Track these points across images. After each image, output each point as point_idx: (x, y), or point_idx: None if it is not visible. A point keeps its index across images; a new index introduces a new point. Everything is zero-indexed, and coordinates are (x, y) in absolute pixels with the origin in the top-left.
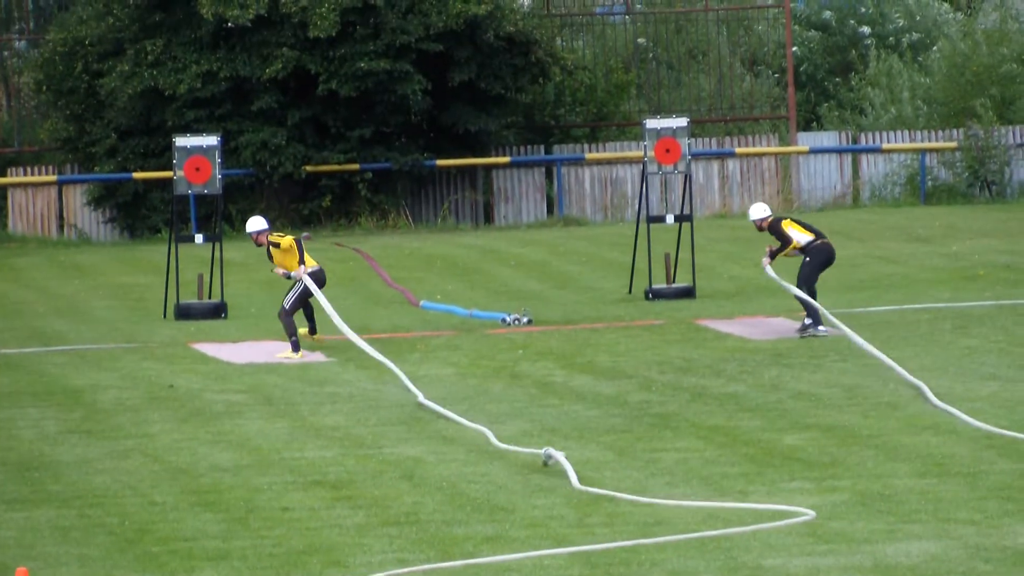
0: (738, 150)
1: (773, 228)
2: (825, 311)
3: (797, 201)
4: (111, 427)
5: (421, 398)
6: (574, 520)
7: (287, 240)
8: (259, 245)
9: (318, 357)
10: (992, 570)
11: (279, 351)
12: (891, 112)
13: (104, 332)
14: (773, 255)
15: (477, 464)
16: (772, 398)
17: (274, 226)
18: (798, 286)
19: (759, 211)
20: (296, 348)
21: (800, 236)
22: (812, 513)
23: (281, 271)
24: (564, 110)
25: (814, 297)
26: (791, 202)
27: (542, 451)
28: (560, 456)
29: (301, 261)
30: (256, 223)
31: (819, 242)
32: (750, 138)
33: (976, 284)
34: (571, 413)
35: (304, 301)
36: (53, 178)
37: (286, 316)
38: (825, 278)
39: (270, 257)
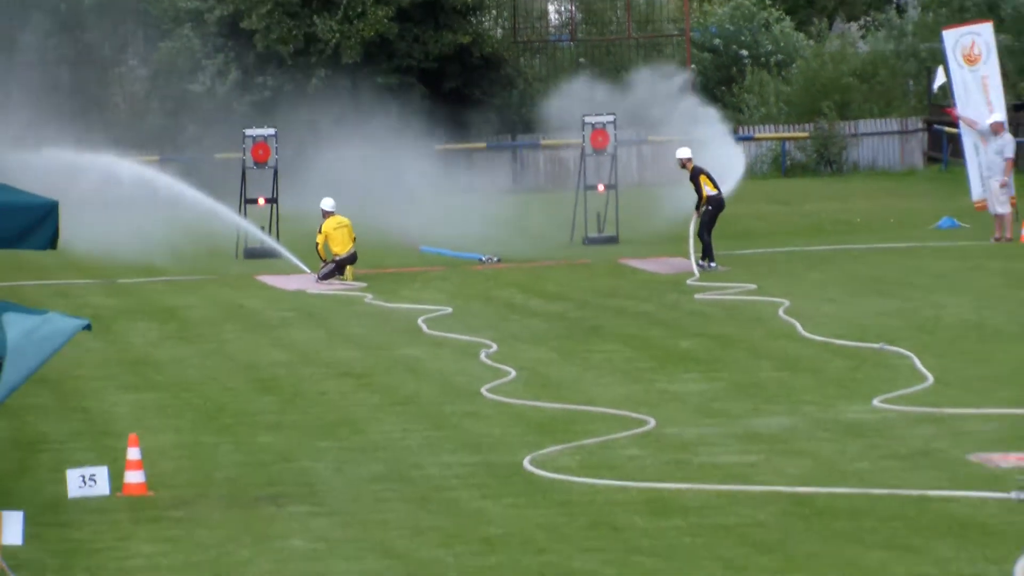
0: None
1: (694, 177)
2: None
3: None
4: (197, 335)
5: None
6: (530, 398)
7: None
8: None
9: (348, 286)
10: (829, 436)
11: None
12: (761, 111)
13: (192, 267)
14: (699, 211)
15: (461, 362)
16: (673, 315)
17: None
18: (699, 232)
19: (685, 152)
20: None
21: (709, 190)
22: (653, 422)
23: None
24: (526, 109)
25: (709, 239)
26: None
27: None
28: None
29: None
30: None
31: (719, 195)
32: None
33: (822, 233)
34: (529, 325)
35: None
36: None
37: (320, 280)
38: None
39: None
